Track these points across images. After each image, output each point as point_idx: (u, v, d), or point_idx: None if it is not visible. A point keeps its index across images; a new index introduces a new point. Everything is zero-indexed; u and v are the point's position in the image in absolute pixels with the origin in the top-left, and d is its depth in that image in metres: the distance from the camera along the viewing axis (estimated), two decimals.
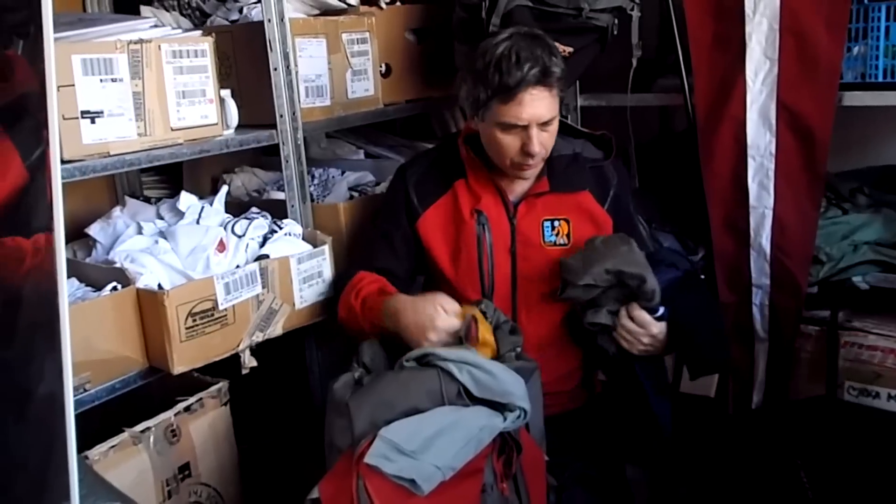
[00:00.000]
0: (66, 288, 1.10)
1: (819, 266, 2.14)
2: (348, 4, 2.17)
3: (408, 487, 1.37)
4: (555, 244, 1.78)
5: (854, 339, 2.12)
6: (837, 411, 2.06)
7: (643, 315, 1.64)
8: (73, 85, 1.52)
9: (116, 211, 1.95)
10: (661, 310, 1.66)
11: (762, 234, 2.14)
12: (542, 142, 1.68)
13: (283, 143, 1.94)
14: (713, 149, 2.14)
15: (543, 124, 1.66)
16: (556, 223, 1.79)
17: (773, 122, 2.05)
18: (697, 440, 2.18)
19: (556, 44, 1.74)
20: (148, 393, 1.73)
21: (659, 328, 1.66)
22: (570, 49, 2.07)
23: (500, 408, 1.47)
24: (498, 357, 1.57)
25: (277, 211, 1.99)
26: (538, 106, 1.63)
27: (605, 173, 1.85)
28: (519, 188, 1.81)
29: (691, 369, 1.73)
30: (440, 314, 1.58)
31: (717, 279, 2.24)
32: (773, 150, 2.07)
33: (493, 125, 1.68)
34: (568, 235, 1.78)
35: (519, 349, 1.62)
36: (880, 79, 2.02)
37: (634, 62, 2.33)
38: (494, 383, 1.47)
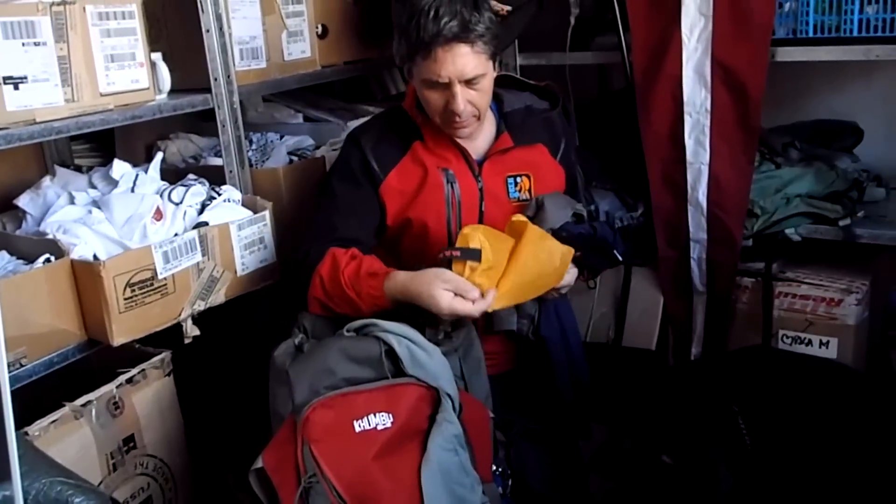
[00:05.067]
0: None
1: (753, 219, 2.19)
2: None
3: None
4: (518, 199, 1.78)
5: (787, 290, 2.20)
6: (772, 359, 2.14)
7: None
8: None
9: (46, 181, 1.88)
10: None
11: (699, 189, 2.18)
12: (471, 99, 1.64)
13: (219, 108, 1.89)
14: (650, 106, 2.17)
15: (469, 82, 1.62)
16: (519, 179, 1.78)
17: (709, 78, 2.08)
18: (639, 392, 2.23)
19: (494, 2, 1.71)
20: (89, 367, 1.70)
21: None
22: (509, 7, 2.06)
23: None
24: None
25: (215, 177, 1.94)
26: (459, 63, 1.59)
27: (554, 124, 1.85)
28: (480, 146, 1.78)
29: None
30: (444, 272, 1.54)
31: (657, 235, 2.28)
32: (709, 107, 2.10)
33: (419, 82, 1.66)
34: (530, 191, 1.79)
35: None
36: (811, 34, 2.06)
37: (572, 20, 2.34)
38: (430, 363, 1.47)
